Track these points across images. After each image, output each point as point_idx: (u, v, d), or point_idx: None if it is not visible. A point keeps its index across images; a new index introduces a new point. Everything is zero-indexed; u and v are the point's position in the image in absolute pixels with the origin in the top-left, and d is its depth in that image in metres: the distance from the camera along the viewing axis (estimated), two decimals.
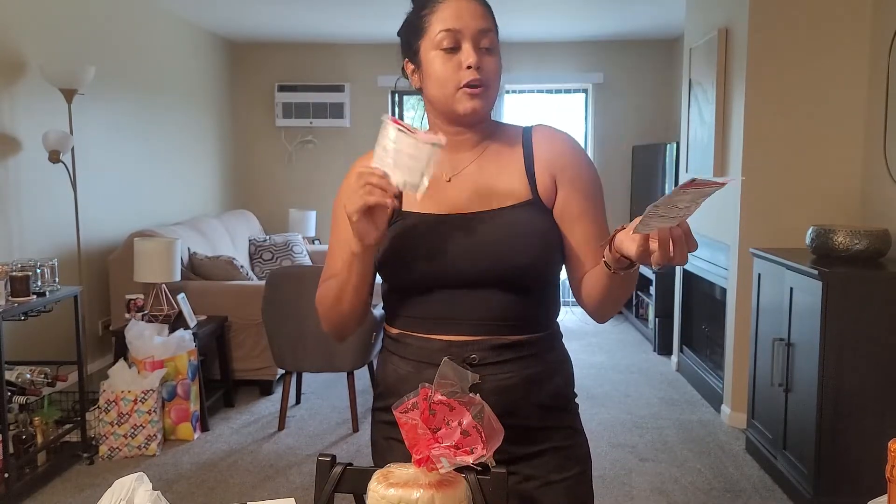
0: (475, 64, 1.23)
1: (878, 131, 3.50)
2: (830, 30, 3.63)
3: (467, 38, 1.24)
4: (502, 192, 1.28)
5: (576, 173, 1.30)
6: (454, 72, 1.24)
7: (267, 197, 7.17)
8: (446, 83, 1.24)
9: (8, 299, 3.01)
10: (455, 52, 1.24)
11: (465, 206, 1.28)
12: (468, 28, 1.24)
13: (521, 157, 1.31)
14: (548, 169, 1.29)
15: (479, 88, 1.24)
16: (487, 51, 1.25)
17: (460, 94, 1.24)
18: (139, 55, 5.26)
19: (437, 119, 1.32)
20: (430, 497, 0.95)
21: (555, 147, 1.32)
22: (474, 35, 1.24)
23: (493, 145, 1.33)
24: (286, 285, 3.77)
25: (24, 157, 3.98)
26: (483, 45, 1.25)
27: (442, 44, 1.24)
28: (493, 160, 1.31)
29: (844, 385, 2.82)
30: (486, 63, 1.24)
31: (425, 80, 1.28)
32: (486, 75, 1.24)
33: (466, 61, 1.23)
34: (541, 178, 1.29)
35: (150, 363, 3.55)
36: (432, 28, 1.25)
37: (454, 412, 0.97)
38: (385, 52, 6.96)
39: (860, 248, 3.00)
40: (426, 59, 1.26)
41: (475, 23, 1.24)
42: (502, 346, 1.24)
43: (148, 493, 1.03)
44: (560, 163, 1.30)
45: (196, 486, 3.20)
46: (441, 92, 1.26)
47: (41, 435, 3.25)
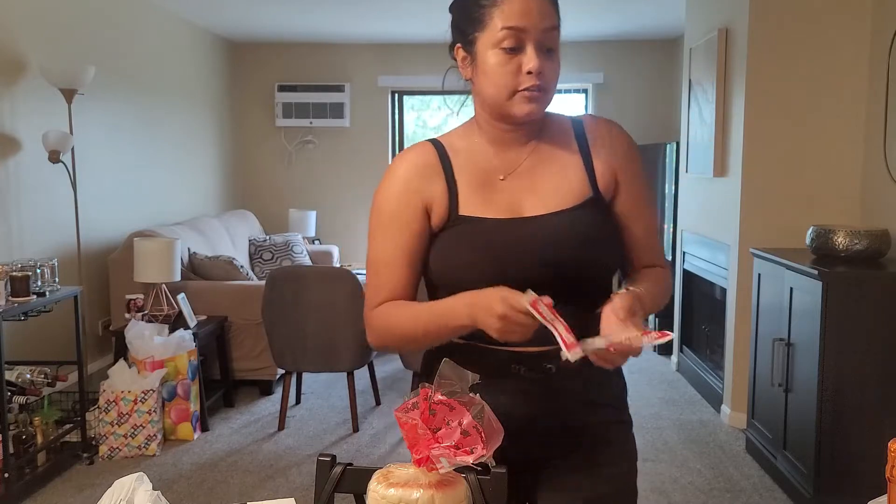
0: (538, 69, 1.14)
1: (878, 131, 3.49)
2: (830, 30, 3.63)
3: (532, 38, 1.14)
4: (562, 191, 1.22)
5: (636, 167, 1.27)
6: (513, 75, 1.15)
7: (267, 197, 7.17)
8: (503, 86, 1.16)
9: (8, 299, 3.01)
10: (516, 52, 1.15)
11: (524, 209, 1.22)
12: (534, 27, 1.14)
13: (578, 153, 1.25)
14: (608, 164, 1.24)
15: (539, 93, 1.16)
16: (550, 52, 1.17)
17: (518, 97, 1.16)
18: (139, 55, 5.26)
19: (484, 113, 1.25)
20: (430, 497, 0.95)
21: (613, 140, 1.27)
22: (539, 35, 1.14)
23: (545, 140, 1.26)
24: (286, 285, 3.77)
25: (24, 157, 3.98)
26: (547, 46, 1.16)
27: (503, 43, 1.14)
28: (547, 157, 1.25)
29: (844, 385, 2.82)
30: (548, 67, 1.16)
31: (479, 76, 1.20)
32: (547, 80, 1.16)
33: (528, 66, 1.14)
34: (601, 174, 1.24)
35: (150, 363, 3.55)
36: (494, 23, 1.15)
37: (454, 412, 0.97)
38: (385, 52, 6.97)
39: (860, 249, 3.00)
40: (483, 55, 1.18)
41: (542, 21, 1.14)
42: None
43: (148, 493, 1.03)
44: (621, 156, 1.25)
45: (196, 487, 3.20)
46: (496, 93, 1.18)
47: (41, 435, 3.25)
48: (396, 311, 1.24)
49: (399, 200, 1.24)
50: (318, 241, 6.89)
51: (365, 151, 7.11)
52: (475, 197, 1.21)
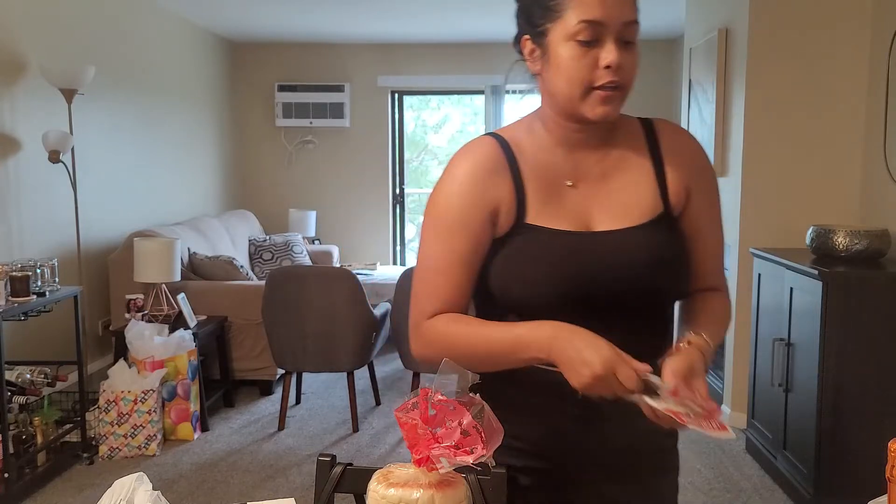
0: (616, 64, 1.05)
1: (878, 131, 3.49)
2: (830, 30, 3.63)
3: (611, 31, 1.05)
4: (633, 204, 1.14)
5: (707, 181, 1.19)
6: (589, 70, 1.06)
7: (267, 197, 7.17)
8: (577, 82, 1.07)
9: (8, 299, 3.01)
10: (593, 45, 1.06)
11: (594, 222, 1.13)
12: (613, 20, 1.05)
13: (650, 162, 1.17)
14: (681, 177, 1.16)
15: (616, 91, 1.07)
16: (628, 45, 1.07)
17: (593, 96, 1.07)
18: (139, 55, 5.26)
19: (553, 111, 1.15)
20: (430, 497, 0.95)
21: (686, 151, 1.19)
22: (619, 28, 1.05)
23: (615, 144, 1.17)
24: (286, 285, 3.76)
25: (24, 157, 3.98)
26: (626, 39, 1.07)
27: (578, 35, 1.05)
28: (618, 164, 1.16)
29: (844, 385, 2.81)
30: (626, 61, 1.07)
31: (549, 70, 1.10)
32: (625, 76, 1.08)
33: (606, 60, 1.05)
34: (673, 188, 1.16)
35: (149, 363, 3.55)
36: (569, 15, 1.05)
37: (454, 412, 0.97)
38: (385, 52, 6.97)
39: (860, 248, 3.00)
40: (555, 48, 1.08)
41: (622, 13, 1.05)
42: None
43: (148, 494, 1.03)
44: (694, 169, 1.18)
45: (196, 487, 3.20)
46: (568, 89, 1.08)
47: (41, 435, 3.25)
48: (457, 326, 1.13)
49: (463, 201, 1.13)
50: (318, 241, 6.89)
51: (365, 151, 7.10)
52: (542, 204, 1.13)
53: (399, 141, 7.31)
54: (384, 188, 7.17)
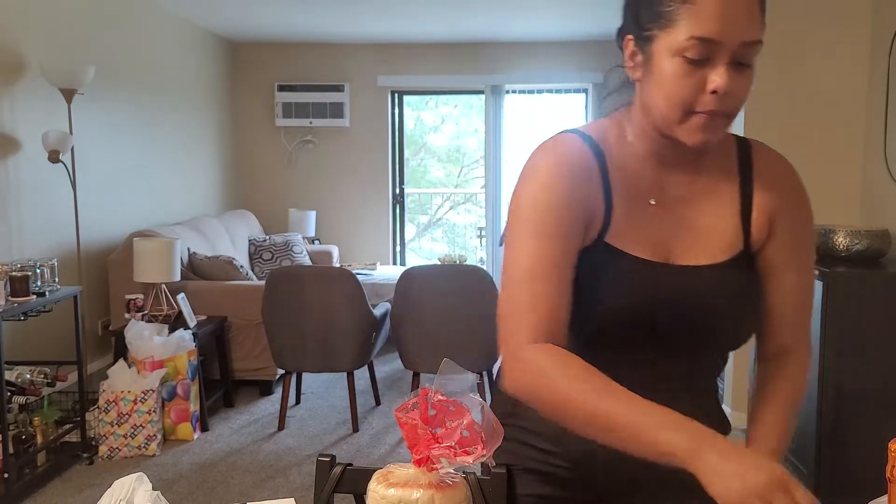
0: (724, 90, 0.92)
1: (878, 131, 3.49)
2: (830, 30, 3.63)
3: (726, 51, 0.92)
4: (714, 239, 1.05)
5: (798, 223, 1.07)
6: (693, 92, 0.94)
7: (267, 197, 7.17)
8: (678, 103, 0.95)
9: (8, 299, 3.01)
10: (702, 65, 0.93)
11: (673, 252, 1.04)
12: (731, 39, 0.91)
13: (738, 192, 1.06)
14: (767, 211, 1.05)
15: (720, 119, 0.96)
16: (743, 67, 0.94)
17: (693, 120, 0.95)
18: (139, 55, 5.26)
19: (646, 121, 1.03)
20: (430, 497, 0.95)
21: (778, 183, 1.06)
22: (735, 48, 0.92)
23: (706, 166, 1.06)
24: (286, 285, 3.76)
25: (24, 157, 3.98)
26: (742, 61, 0.93)
27: (687, 52, 0.92)
28: (706, 188, 1.06)
29: (844, 385, 2.81)
30: (737, 87, 0.94)
31: (648, 82, 0.99)
32: (734, 104, 0.95)
33: (714, 84, 0.93)
34: (757, 222, 1.05)
35: (149, 363, 3.55)
36: (680, 27, 0.92)
37: (454, 412, 0.97)
38: (385, 52, 6.96)
39: (860, 249, 3.00)
40: (659, 59, 0.96)
41: (742, 32, 0.91)
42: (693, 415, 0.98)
43: (148, 494, 1.03)
44: (784, 208, 1.06)
45: (196, 487, 3.20)
46: (667, 108, 0.96)
47: (41, 435, 3.25)
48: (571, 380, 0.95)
49: (561, 202, 1.00)
50: (318, 241, 6.89)
51: (365, 151, 7.10)
52: (626, 221, 1.03)
53: (399, 141, 7.31)
54: (384, 188, 7.17)
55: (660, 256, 1.04)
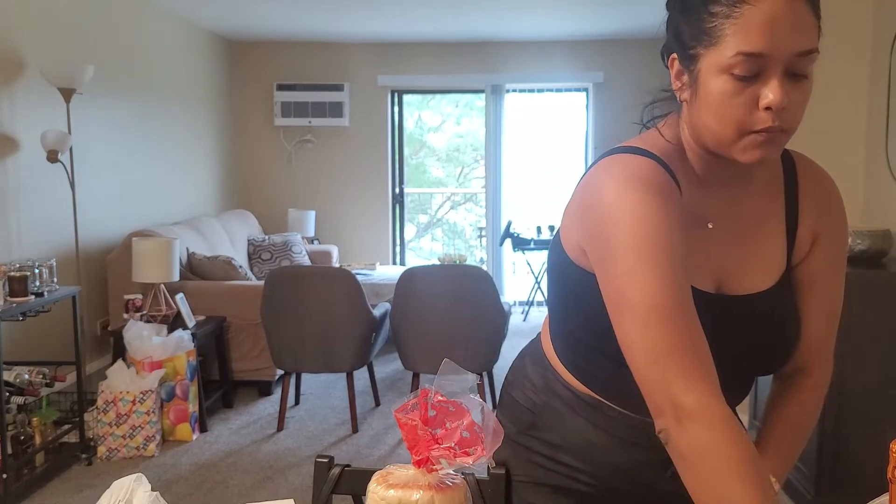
0: (780, 106, 0.85)
1: (879, 131, 3.49)
2: (831, 29, 3.60)
3: (777, 64, 0.85)
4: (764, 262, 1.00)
5: (837, 240, 1.04)
6: (746, 110, 0.87)
7: (266, 197, 7.16)
8: (731, 123, 0.88)
9: (6, 299, 3.00)
10: (753, 81, 0.86)
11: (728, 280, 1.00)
12: (781, 51, 0.84)
13: (783, 211, 1.02)
14: (811, 229, 1.02)
15: (778, 135, 0.88)
16: (798, 78, 0.87)
17: (748, 140, 0.88)
18: (138, 54, 5.25)
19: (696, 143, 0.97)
20: (430, 498, 0.94)
21: (823, 206, 1.03)
22: (788, 60, 0.85)
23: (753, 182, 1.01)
24: (285, 285, 3.76)
25: (23, 157, 3.98)
26: (797, 72, 0.86)
27: (735, 69, 0.85)
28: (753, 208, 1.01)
29: (846, 385, 2.81)
30: (794, 100, 0.86)
31: (696, 101, 0.91)
32: (791, 118, 0.88)
33: (767, 100, 0.85)
34: (801, 241, 1.02)
35: (148, 363, 3.54)
36: (727, 43, 0.85)
37: (454, 413, 0.96)
38: (384, 52, 6.96)
39: (862, 249, 3.00)
40: (706, 78, 0.89)
41: (795, 43, 0.84)
42: None
43: (147, 494, 1.03)
44: (826, 223, 1.03)
45: (195, 487, 3.19)
46: (719, 129, 0.90)
47: (39, 435, 3.24)
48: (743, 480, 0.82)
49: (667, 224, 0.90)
50: (317, 241, 6.88)
51: (364, 151, 7.10)
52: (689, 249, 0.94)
53: (399, 140, 7.31)
54: (383, 188, 7.16)
55: (716, 285, 0.99)
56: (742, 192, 1.00)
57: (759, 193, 1.01)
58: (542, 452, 1.13)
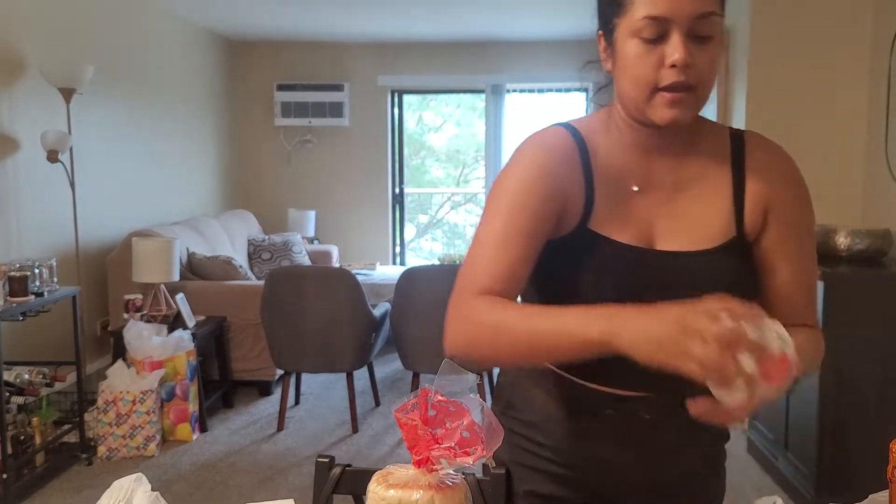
0: (683, 62, 0.95)
1: (879, 130, 3.49)
2: (831, 29, 3.62)
3: (679, 26, 0.95)
4: (703, 225, 1.04)
5: (794, 212, 1.06)
6: (654, 69, 0.96)
7: (266, 197, 7.16)
8: (642, 83, 0.98)
9: (6, 299, 3.00)
10: (659, 42, 0.96)
11: (658, 238, 1.04)
12: (681, 14, 0.94)
13: (730, 178, 1.06)
14: (761, 200, 1.05)
15: (684, 93, 0.97)
16: (703, 40, 0.96)
17: (658, 98, 0.97)
18: (138, 54, 5.25)
19: (624, 113, 1.06)
20: (430, 498, 0.94)
21: (774, 174, 1.07)
22: (689, 22, 0.95)
23: (696, 154, 1.07)
24: (285, 285, 3.76)
25: (23, 157, 3.97)
26: (700, 34, 0.96)
27: (643, 32, 0.96)
28: (694, 176, 1.06)
29: (846, 386, 2.81)
30: (699, 58, 0.96)
31: (617, 70, 1.02)
32: (697, 75, 0.96)
33: (672, 57, 0.95)
34: (750, 211, 1.05)
35: (148, 363, 3.54)
36: (634, 10, 0.96)
37: (454, 413, 0.96)
38: (385, 52, 6.96)
39: (861, 248, 3.00)
40: (621, 45, 0.99)
41: (692, 6, 0.94)
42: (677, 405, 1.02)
43: (147, 494, 1.03)
44: (779, 195, 1.06)
45: (195, 487, 3.19)
46: (634, 91, 0.99)
47: (39, 435, 3.24)
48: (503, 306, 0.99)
49: (529, 187, 1.04)
50: (317, 241, 6.88)
51: (364, 151, 7.10)
52: (608, 209, 1.03)
53: (399, 140, 7.31)
54: (384, 188, 7.16)
55: (643, 240, 1.04)
56: (683, 162, 1.06)
57: (703, 162, 1.07)
58: (519, 433, 1.17)
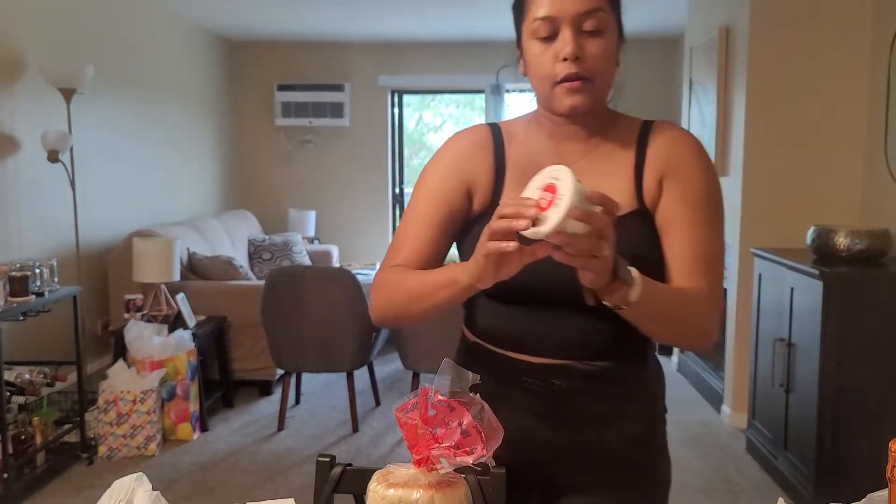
0: (572, 55, 1.06)
1: (878, 131, 3.49)
2: (831, 29, 3.62)
3: (566, 23, 1.06)
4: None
5: (686, 178, 1.13)
6: (551, 64, 1.08)
7: (266, 197, 7.17)
8: (544, 78, 1.10)
9: (7, 299, 3.00)
10: (552, 40, 1.08)
11: None
12: (567, 12, 1.06)
13: (633, 158, 1.15)
14: (657, 171, 1.14)
15: (579, 82, 1.08)
16: (593, 34, 1.07)
17: (558, 90, 1.09)
18: (138, 54, 5.25)
19: (541, 107, 1.18)
20: (430, 497, 0.94)
21: (671, 147, 1.15)
22: (575, 19, 1.06)
23: (605, 141, 1.17)
24: (285, 285, 3.76)
25: (23, 157, 3.98)
26: (586, 29, 1.07)
27: (538, 33, 1.09)
28: (603, 160, 1.16)
29: (845, 385, 2.81)
30: (590, 50, 1.07)
31: (527, 70, 1.15)
32: (589, 66, 1.08)
33: (563, 52, 1.06)
34: (648, 183, 1.13)
35: (149, 363, 3.54)
36: (529, 13, 1.10)
37: (454, 412, 0.97)
38: (385, 52, 6.96)
39: (861, 248, 3.00)
40: (526, 47, 1.13)
41: (575, 5, 1.06)
42: (590, 373, 1.13)
43: (147, 494, 1.03)
44: (672, 164, 1.14)
45: (195, 487, 3.19)
46: (539, 85, 1.12)
47: (40, 435, 3.25)
48: (405, 271, 1.17)
49: (440, 175, 1.20)
50: (318, 241, 6.89)
51: (364, 151, 7.10)
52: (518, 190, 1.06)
53: (399, 140, 7.31)
54: (384, 188, 7.16)
55: None
56: (594, 146, 1.17)
57: (613, 147, 1.16)
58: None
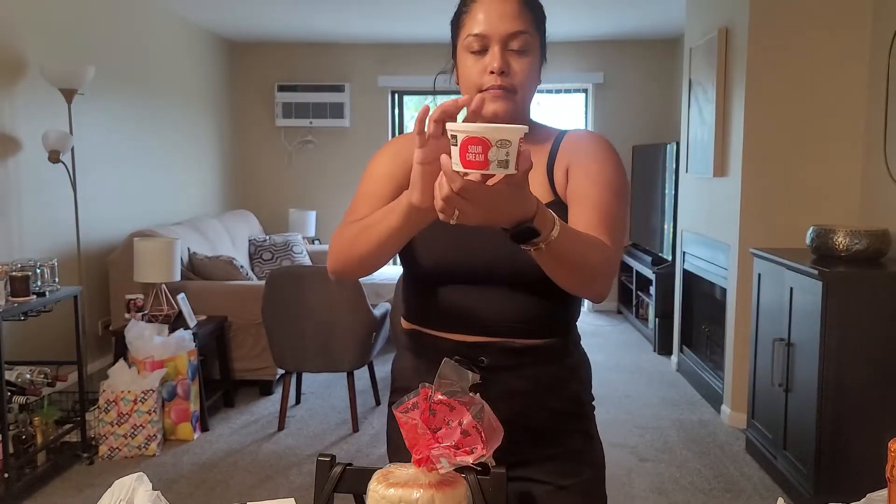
0: (499, 69, 1.19)
1: (878, 131, 3.49)
2: (831, 30, 3.63)
3: (495, 41, 1.20)
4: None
5: (590, 160, 1.24)
6: (479, 75, 1.21)
7: (267, 197, 7.17)
8: (472, 86, 1.22)
9: (8, 299, 3.01)
10: (483, 54, 1.21)
11: None
12: (496, 32, 1.20)
13: (546, 158, 1.27)
14: (564, 164, 1.25)
15: (501, 91, 1.20)
16: (519, 53, 1.21)
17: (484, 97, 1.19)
18: (139, 55, 5.26)
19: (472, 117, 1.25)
20: (430, 497, 0.95)
21: (577, 143, 1.27)
22: (503, 38, 1.20)
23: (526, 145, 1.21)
24: (286, 285, 3.76)
25: (24, 157, 3.98)
26: (512, 48, 1.20)
27: (471, 47, 1.22)
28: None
29: (844, 385, 2.81)
30: (515, 67, 1.20)
31: (459, 79, 1.28)
32: (514, 80, 1.21)
33: (491, 66, 1.20)
34: (558, 176, 1.25)
35: (149, 363, 3.55)
36: (464, 29, 1.24)
37: (454, 412, 0.97)
38: (385, 52, 6.96)
39: (860, 248, 3.00)
40: (460, 59, 1.26)
41: (504, 26, 1.20)
42: (514, 349, 1.22)
43: (148, 494, 1.03)
44: (577, 154, 1.25)
45: (196, 487, 3.20)
46: (468, 94, 1.23)
47: (41, 435, 3.25)
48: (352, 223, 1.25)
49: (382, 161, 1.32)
50: (318, 241, 6.89)
51: (365, 151, 7.10)
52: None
53: None
54: None
55: None
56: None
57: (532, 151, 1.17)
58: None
